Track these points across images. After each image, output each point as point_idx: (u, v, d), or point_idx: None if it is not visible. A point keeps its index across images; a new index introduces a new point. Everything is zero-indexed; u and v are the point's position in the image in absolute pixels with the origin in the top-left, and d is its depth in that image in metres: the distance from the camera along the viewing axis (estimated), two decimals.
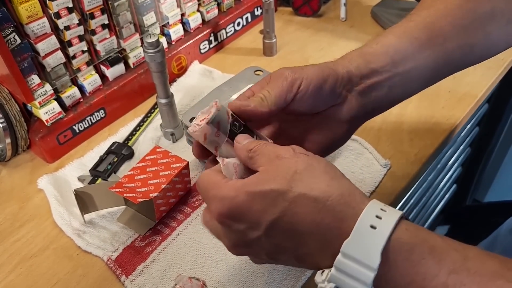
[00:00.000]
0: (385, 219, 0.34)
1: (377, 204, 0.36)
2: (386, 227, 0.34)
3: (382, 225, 0.34)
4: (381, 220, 0.34)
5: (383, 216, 0.34)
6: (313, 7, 1.00)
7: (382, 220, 0.34)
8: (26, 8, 0.63)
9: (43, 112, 0.70)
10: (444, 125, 0.74)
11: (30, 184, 0.71)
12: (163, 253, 0.61)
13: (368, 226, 0.34)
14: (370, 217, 0.35)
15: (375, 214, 0.35)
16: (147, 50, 0.64)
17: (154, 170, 0.63)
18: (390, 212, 0.35)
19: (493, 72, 0.83)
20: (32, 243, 0.64)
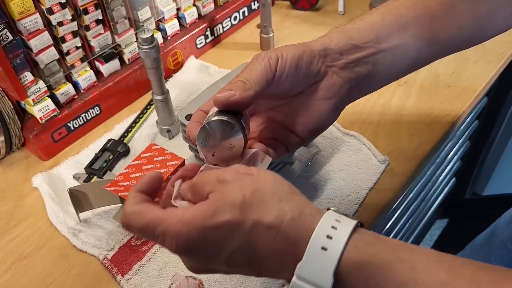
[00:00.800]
0: (336, 239, 0.34)
1: (328, 221, 0.35)
2: (336, 249, 0.34)
3: (333, 246, 0.34)
4: (332, 240, 0.34)
5: (334, 235, 0.34)
6: (310, 0, 0.99)
7: (332, 240, 0.34)
8: (18, 4, 0.62)
9: (37, 109, 0.69)
10: (443, 120, 0.74)
11: (24, 182, 0.70)
12: (159, 251, 0.60)
13: (319, 248, 0.34)
14: (320, 238, 0.34)
15: (325, 234, 0.35)
16: (142, 46, 0.63)
17: (150, 168, 0.63)
18: (342, 228, 0.35)
19: (493, 66, 0.82)
20: (27, 242, 0.63)
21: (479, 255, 0.87)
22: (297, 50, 0.44)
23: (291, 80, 0.45)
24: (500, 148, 1.39)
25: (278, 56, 0.44)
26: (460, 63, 0.83)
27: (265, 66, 0.43)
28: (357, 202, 0.63)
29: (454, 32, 0.49)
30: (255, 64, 0.44)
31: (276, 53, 0.44)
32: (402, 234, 1.13)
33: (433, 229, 1.65)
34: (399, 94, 0.79)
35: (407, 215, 1.04)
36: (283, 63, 0.44)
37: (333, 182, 0.66)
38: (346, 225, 0.35)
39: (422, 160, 0.69)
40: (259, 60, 0.44)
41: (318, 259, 0.34)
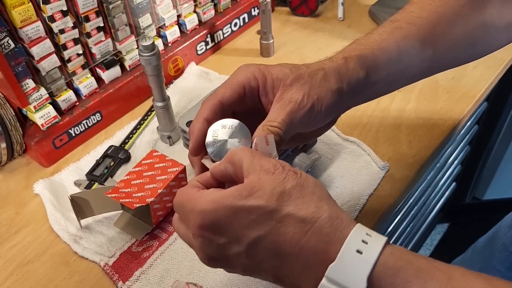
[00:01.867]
0: (371, 244, 0.34)
1: (362, 229, 0.35)
2: (372, 253, 0.33)
3: (368, 250, 0.34)
4: (367, 245, 0.34)
5: (369, 241, 0.34)
6: (310, 7, 1.00)
7: (368, 245, 0.34)
8: (20, 12, 0.62)
9: (39, 116, 0.69)
10: (442, 126, 0.74)
11: (26, 189, 0.70)
12: (160, 258, 0.60)
13: (354, 251, 0.34)
14: (356, 241, 0.34)
15: (361, 238, 0.34)
16: (143, 53, 0.64)
17: (150, 175, 0.63)
18: (376, 237, 0.35)
19: (492, 71, 0.83)
20: (28, 249, 0.63)
21: (481, 257, 0.87)
22: (332, 96, 0.45)
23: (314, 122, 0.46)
24: (500, 152, 1.39)
25: (315, 105, 0.44)
26: (459, 68, 0.82)
27: (303, 115, 0.44)
28: (358, 208, 0.63)
29: (451, 61, 0.54)
30: (285, 104, 0.44)
31: (314, 99, 0.44)
32: (402, 239, 1.13)
33: (434, 233, 1.65)
34: (399, 99, 0.79)
35: (407, 220, 1.05)
36: (319, 114, 0.45)
37: (333, 188, 0.67)
38: (379, 236, 0.35)
39: (421, 165, 0.69)
40: (299, 104, 0.43)
41: (353, 262, 0.33)
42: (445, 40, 0.50)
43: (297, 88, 0.44)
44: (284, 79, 0.45)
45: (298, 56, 0.91)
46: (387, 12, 0.95)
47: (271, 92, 0.45)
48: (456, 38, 0.51)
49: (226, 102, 0.45)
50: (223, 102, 0.45)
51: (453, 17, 0.50)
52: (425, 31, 0.49)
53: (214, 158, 0.44)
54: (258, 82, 0.46)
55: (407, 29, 0.49)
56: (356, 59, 0.47)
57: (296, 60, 0.90)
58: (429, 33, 0.50)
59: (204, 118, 0.45)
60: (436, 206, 1.32)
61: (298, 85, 0.44)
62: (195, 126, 0.45)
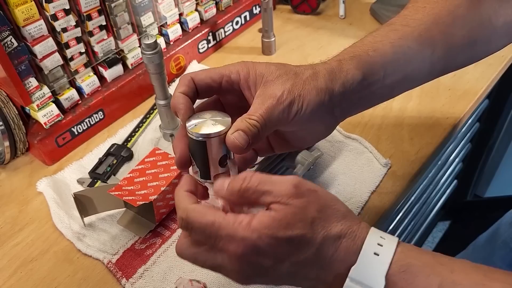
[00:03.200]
0: (386, 246, 0.38)
1: (377, 233, 0.40)
2: (387, 254, 0.38)
3: (384, 252, 0.38)
4: (382, 247, 0.38)
5: (384, 244, 0.39)
6: (311, 4, 1.00)
7: (383, 247, 0.38)
8: (23, 10, 0.62)
9: (41, 114, 0.69)
10: (444, 123, 0.74)
11: (29, 187, 0.71)
12: (164, 255, 0.61)
13: (372, 253, 0.38)
14: (373, 245, 0.39)
15: (376, 242, 0.39)
16: (145, 51, 0.64)
17: (153, 172, 0.63)
18: (388, 240, 0.39)
19: (493, 69, 0.83)
20: (32, 246, 0.63)
21: (482, 254, 0.87)
22: (318, 95, 0.45)
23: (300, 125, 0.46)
24: (501, 150, 1.39)
25: (295, 101, 0.44)
26: None
27: (281, 111, 0.44)
28: (360, 205, 0.64)
29: (451, 63, 0.53)
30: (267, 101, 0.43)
31: (295, 95, 0.44)
32: (404, 236, 1.13)
33: (435, 231, 1.65)
34: (400, 97, 0.78)
35: (409, 217, 1.05)
36: (304, 108, 0.44)
37: (335, 185, 0.67)
38: (391, 238, 0.40)
39: (423, 163, 0.69)
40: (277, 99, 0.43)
41: (371, 263, 0.38)
42: (442, 41, 0.50)
43: (279, 84, 0.44)
44: (267, 75, 0.45)
45: (299, 54, 0.91)
46: (389, 9, 0.96)
47: (253, 87, 0.45)
48: (454, 38, 0.51)
49: (198, 81, 0.45)
50: (194, 79, 0.45)
51: (449, 18, 0.50)
52: (420, 32, 0.49)
53: (191, 130, 0.42)
54: (240, 76, 0.45)
55: (402, 31, 0.49)
56: (350, 60, 0.47)
57: (298, 58, 0.90)
58: (425, 33, 0.49)
59: (179, 92, 0.45)
60: (438, 204, 1.32)
61: (281, 81, 0.44)
62: (173, 101, 0.45)
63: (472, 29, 0.51)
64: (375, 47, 0.48)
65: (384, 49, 0.48)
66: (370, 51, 0.48)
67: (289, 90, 0.44)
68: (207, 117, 0.44)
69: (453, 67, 0.54)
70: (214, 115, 0.44)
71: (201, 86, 0.46)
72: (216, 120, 0.43)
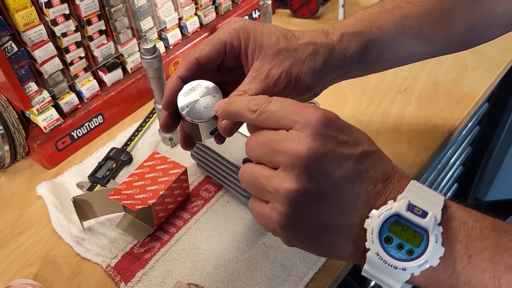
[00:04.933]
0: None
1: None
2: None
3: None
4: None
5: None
6: (311, 8, 1.00)
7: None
8: (23, 15, 0.63)
9: (41, 119, 0.70)
10: (442, 127, 0.74)
11: (29, 191, 0.71)
12: (162, 259, 0.61)
13: None
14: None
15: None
16: (144, 56, 0.64)
17: (152, 176, 0.63)
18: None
19: (492, 73, 0.83)
20: (31, 250, 0.64)
21: None
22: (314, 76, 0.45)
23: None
24: (501, 153, 1.38)
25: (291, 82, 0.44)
26: (459, 70, 0.84)
27: (275, 92, 0.44)
28: None
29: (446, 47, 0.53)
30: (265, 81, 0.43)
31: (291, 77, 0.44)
32: None
33: None
34: (399, 101, 0.80)
35: None
36: (293, 90, 0.45)
37: None
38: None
39: (422, 167, 0.69)
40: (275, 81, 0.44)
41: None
42: (443, 23, 0.50)
43: (278, 62, 0.44)
44: (267, 48, 0.44)
45: None
46: None
47: (251, 57, 0.45)
48: (454, 22, 0.51)
49: (204, 59, 0.45)
50: (200, 59, 0.45)
51: (453, 0, 0.50)
52: (423, 12, 0.49)
53: (187, 118, 0.44)
54: (241, 42, 0.45)
55: (407, 9, 0.49)
56: (353, 36, 0.47)
57: None
58: (428, 14, 0.49)
59: (178, 76, 0.45)
60: None
61: (280, 58, 0.44)
62: (168, 83, 0.45)
63: (473, 14, 0.51)
64: (379, 24, 0.48)
65: (387, 27, 0.48)
66: (374, 27, 0.48)
67: (287, 71, 0.44)
68: (198, 97, 0.44)
69: (446, 51, 0.55)
70: (206, 92, 0.44)
71: (207, 62, 0.45)
72: (208, 101, 0.44)
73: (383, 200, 0.37)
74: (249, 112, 0.39)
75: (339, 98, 0.80)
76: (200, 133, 0.45)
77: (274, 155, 0.37)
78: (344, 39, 0.46)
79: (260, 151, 0.38)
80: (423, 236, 0.35)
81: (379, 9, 0.49)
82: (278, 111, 0.37)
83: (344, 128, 0.37)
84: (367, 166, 0.37)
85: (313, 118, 0.36)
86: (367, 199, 0.37)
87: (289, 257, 0.60)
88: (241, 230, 0.63)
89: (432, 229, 0.35)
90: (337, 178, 0.36)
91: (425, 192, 0.36)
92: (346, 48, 0.46)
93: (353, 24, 0.48)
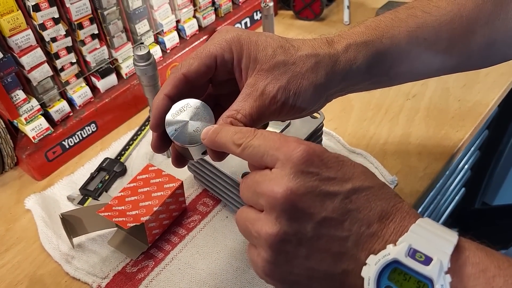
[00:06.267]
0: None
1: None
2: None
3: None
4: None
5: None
6: (315, 10, 0.96)
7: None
8: (8, 20, 0.59)
9: (30, 128, 0.66)
10: (454, 136, 0.70)
11: (17, 204, 0.67)
12: (156, 279, 0.57)
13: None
14: None
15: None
16: (138, 63, 0.61)
17: (146, 191, 0.60)
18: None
19: (505, 78, 0.79)
20: (18, 268, 0.60)
21: None
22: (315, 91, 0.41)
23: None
24: (510, 157, 1.36)
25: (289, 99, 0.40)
26: (471, 75, 0.80)
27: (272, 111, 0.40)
28: None
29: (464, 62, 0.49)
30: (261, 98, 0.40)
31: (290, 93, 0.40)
32: None
33: None
34: (407, 108, 0.76)
35: None
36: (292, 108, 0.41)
37: None
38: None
39: (433, 179, 0.65)
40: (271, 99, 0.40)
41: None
42: (462, 36, 0.46)
43: (274, 77, 0.40)
44: (262, 62, 0.40)
45: None
46: None
47: (245, 71, 0.41)
48: (474, 36, 0.46)
49: (193, 75, 0.41)
50: (188, 75, 0.41)
51: (474, 12, 0.45)
52: (441, 23, 0.45)
53: (175, 141, 0.41)
54: (234, 55, 0.41)
55: (423, 18, 0.45)
56: (361, 47, 0.43)
57: None
58: (445, 26, 0.45)
59: (164, 94, 0.41)
60: (446, 212, 1.28)
61: (276, 73, 0.40)
62: (155, 102, 0.41)
63: (495, 28, 0.46)
64: (391, 34, 0.44)
65: (400, 38, 0.44)
66: (385, 37, 0.44)
67: (284, 87, 0.40)
68: (187, 118, 0.41)
69: (464, 68, 0.50)
70: (195, 113, 0.41)
71: (196, 77, 0.41)
72: (197, 124, 0.40)
73: (383, 243, 0.33)
74: (234, 146, 0.36)
75: (344, 105, 0.76)
76: (191, 154, 0.42)
77: (258, 198, 0.35)
78: (350, 49, 0.42)
79: (247, 194, 0.36)
80: (429, 286, 0.31)
81: (392, 17, 0.45)
82: (261, 146, 0.35)
83: (330, 162, 0.34)
84: (359, 204, 0.33)
85: (294, 155, 0.33)
86: (359, 241, 0.33)
87: None
88: (241, 248, 0.60)
89: (437, 279, 0.30)
90: (321, 219, 0.33)
91: (433, 233, 0.32)
92: (352, 59, 0.42)
93: (362, 32, 0.43)
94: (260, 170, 0.35)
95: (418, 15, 0.45)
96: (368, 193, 0.34)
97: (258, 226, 0.34)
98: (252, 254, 0.36)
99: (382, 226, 0.33)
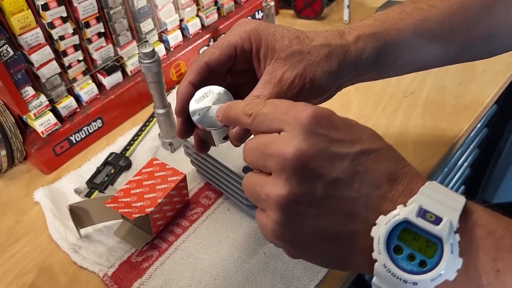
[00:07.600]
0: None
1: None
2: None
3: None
4: None
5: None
6: (315, 9, 0.98)
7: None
8: (19, 19, 0.62)
9: (38, 123, 0.69)
10: (450, 132, 0.72)
11: (26, 197, 0.70)
12: (160, 268, 0.59)
13: None
14: None
15: None
16: (143, 60, 0.63)
17: (150, 184, 0.62)
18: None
19: (501, 76, 0.80)
20: (28, 258, 0.62)
21: None
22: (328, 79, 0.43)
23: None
24: (509, 155, 1.36)
25: (305, 86, 0.42)
26: (467, 73, 0.82)
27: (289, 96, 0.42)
28: None
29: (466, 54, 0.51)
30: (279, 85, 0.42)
31: (306, 80, 0.42)
32: None
33: None
34: (405, 105, 0.77)
35: None
36: (307, 94, 0.43)
37: None
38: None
39: (428, 174, 0.67)
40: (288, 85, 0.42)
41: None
42: (464, 28, 0.48)
43: (291, 65, 0.42)
44: (280, 51, 0.43)
45: None
46: None
47: (263, 60, 0.44)
48: (476, 28, 0.48)
49: (214, 63, 0.44)
50: (210, 63, 0.44)
51: (476, 4, 0.48)
52: (444, 16, 0.47)
53: (198, 125, 0.43)
54: (252, 45, 0.43)
55: (427, 11, 0.47)
56: (370, 38, 0.45)
57: None
58: (449, 18, 0.47)
59: (188, 81, 0.44)
60: None
61: (293, 61, 0.42)
62: (179, 89, 0.44)
63: (496, 21, 0.49)
64: (398, 26, 0.46)
65: (406, 30, 0.46)
66: (392, 29, 0.46)
67: (301, 74, 0.43)
68: (210, 103, 0.43)
69: (466, 58, 0.52)
70: (218, 99, 0.43)
71: (217, 66, 0.44)
72: (220, 103, 0.43)
73: (391, 204, 0.33)
74: (245, 117, 0.37)
75: (343, 103, 0.78)
76: (213, 138, 0.44)
77: (266, 160, 0.35)
78: (360, 40, 0.45)
79: (253, 156, 0.36)
80: (438, 246, 0.31)
81: (399, 10, 0.47)
82: (270, 113, 0.36)
83: (339, 125, 0.34)
84: (367, 166, 0.34)
85: (303, 117, 0.34)
86: (368, 203, 0.34)
87: (290, 267, 0.58)
88: (241, 239, 0.62)
89: (447, 238, 0.31)
90: (331, 179, 0.33)
91: (442, 194, 0.32)
92: (362, 50, 0.45)
93: (371, 25, 0.46)
94: (266, 134, 0.36)
95: (424, 8, 0.47)
96: (376, 155, 0.34)
97: (267, 189, 0.34)
98: (261, 218, 0.36)
99: (390, 188, 0.33)
